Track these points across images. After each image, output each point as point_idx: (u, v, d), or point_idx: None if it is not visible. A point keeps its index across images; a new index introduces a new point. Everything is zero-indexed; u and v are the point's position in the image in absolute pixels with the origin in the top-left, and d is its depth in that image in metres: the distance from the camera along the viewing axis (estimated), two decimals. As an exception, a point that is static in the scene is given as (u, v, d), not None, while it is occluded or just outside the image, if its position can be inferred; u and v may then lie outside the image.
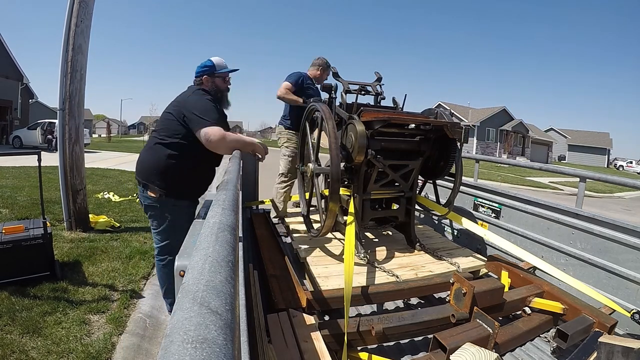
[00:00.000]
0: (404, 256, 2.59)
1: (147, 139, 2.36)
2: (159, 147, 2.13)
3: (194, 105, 2.09)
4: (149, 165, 2.17)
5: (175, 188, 2.15)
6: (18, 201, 5.10)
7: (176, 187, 2.15)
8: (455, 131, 2.37)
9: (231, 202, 0.96)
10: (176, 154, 2.10)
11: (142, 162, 2.21)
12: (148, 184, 2.14)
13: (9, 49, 18.74)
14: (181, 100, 2.18)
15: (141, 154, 2.27)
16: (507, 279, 2.37)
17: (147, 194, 2.16)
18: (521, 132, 33.29)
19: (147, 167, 2.17)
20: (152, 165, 2.15)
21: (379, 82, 3.01)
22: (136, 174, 2.25)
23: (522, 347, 1.84)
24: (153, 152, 2.16)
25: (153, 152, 2.16)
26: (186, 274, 0.50)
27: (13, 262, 2.63)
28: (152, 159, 2.16)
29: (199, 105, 2.10)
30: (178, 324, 0.36)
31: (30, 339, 2.09)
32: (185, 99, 2.18)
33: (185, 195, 2.21)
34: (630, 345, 1.42)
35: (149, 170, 2.16)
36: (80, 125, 4.04)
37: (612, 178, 2.57)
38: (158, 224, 2.23)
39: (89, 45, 4.00)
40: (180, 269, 0.83)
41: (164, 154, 2.11)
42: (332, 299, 1.95)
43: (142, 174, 2.19)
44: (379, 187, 2.57)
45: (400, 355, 1.75)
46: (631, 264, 2.06)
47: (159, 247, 2.27)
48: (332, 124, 2.19)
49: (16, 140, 15.70)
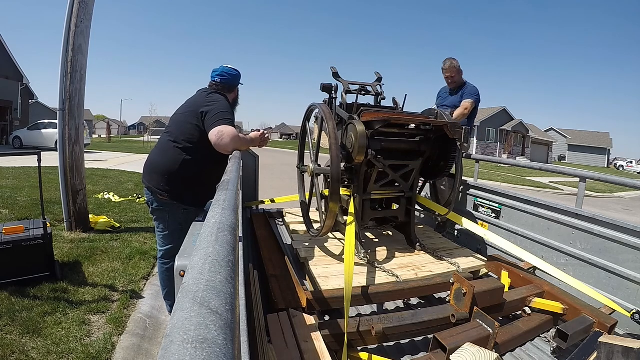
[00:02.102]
0: (404, 256, 2.59)
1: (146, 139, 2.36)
2: (175, 150, 2.10)
3: (215, 104, 2.09)
4: (164, 169, 2.12)
5: (189, 193, 2.13)
6: (18, 201, 5.10)
7: (189, 192, 2.13)
8: (455, 131, 2.37)
9: (231, 202, 0.96)
10: (191, 158, 2.08)
11: (155, 165, 2.17)
12: (159, 188, 2.10)
13: (9, 50, 18.76)
14: (200, 100, 2.17)
15: (152, 156, 2.23)
16: (507, 279, 2.37)
17: (157, 197, 2.13)
18: (521, 132, 33.28)
19: (161, 171, 2.12)
20: (166, 169, 2.11)
21: (379, 82, 3.01)
22: (146, 177, 2.20)
23: (522, 347, 1.84)
24: (167, 155, 2.12)
25: (167, 155, 2.12)
26: (186, 274, 0.50)
27: (13, 263, 2.63)
28: (167, 163, 2.12)
29: (218, 104, 2.10)
30: (178, 324, 0.36)
31: (30, 339, 2.09)
32: (204, 98, 2.17)
33: (197, 201, 2.15)
34: (631, 346, 1.42)
35: (163, 174, 2.11)
36: (81, 126, 4.04)
37: (612, 178, 2.57)
38: (165, 227, 2.20)
39: (89, 46, 4.00)
40: (181, 269, 0.83)
41: (179, 159, 2.08)
42: (332, 299, 1.95)
43: (153, 177, 2.15)
44: (379, 187, 2.57)
45: (400, 355, 1.75)
46: (631, 264, 2.06)
47: (164, 250, 2.25)
48: (332, 124, 2.19)
49: (16, 140, 15.70)
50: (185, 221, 2.09)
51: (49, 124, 15.40)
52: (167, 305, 2.49)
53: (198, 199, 2.15)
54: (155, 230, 2.35)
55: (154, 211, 2.21)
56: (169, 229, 2.19)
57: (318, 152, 2.62)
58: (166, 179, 2.10)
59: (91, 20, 3.99)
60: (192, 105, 2.18)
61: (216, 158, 2.08)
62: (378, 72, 3.05)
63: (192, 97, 2.31)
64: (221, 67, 2.38)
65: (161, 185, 2.11)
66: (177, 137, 2.12)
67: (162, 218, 2.19)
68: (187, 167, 2.08)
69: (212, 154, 2.06)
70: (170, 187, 2.10)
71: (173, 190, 2.10)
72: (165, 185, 2.10)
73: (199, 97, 2.22)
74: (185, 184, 2.11)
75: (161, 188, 2.11)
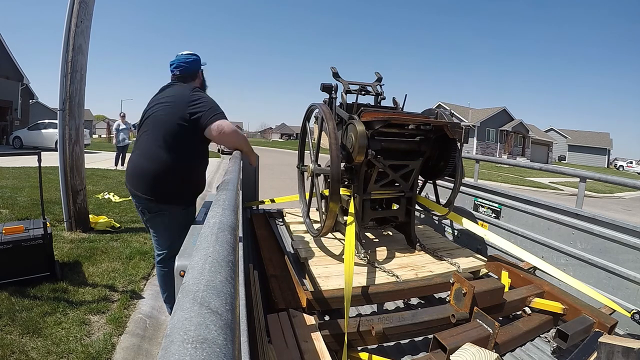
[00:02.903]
0: (404, 256, 2.59)
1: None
2: (163, 152, 1.98)
3: (202, 102, 2.02)
4: (155, 173, 2.01)
5: (186, 194, 2.11)
6: (18, 201, 5.10)
7: (186, 193, 2.11)
8: (455, 131, 2.37)
9: (231, 202, 0.96)
10: (181, 158, 2.02)
11: (145, 171, 2.03)
12: (155, 193, 2.01)
13: (9, 50, 18.77)
14: (182, 101, 2.03)
15: (138, 162, 2.07)
16: (507, 279, 2.37)
17: (154, 204, 2.04)
18: (521, 133, 33.28)
19: (153, 176, 2.01)
20: (158, 173, 2.00)
21: (379, 82, 3.01)
22: (137, 186, 2.06)
23: (522, 347, 1.84)
24: (156, 159, 2.00)
25: (156, 159, 2.00)
26: (186, 274, 0.50)
27: (13, 263, 2.63)
28: (158, 167, 2.00)
29: (206, 101, 2.03)
30: (178, 324, 0.36)
31: (30, 339, 2.08)
32: (187, 99, 2.03)
33: (193, 200, 2.17)
34: (630, 346, 1.42)
35: (156, 178, 2.00)
36: (81, 126, 4.04)
37: (612, 178, 2.57)
38: (165, 230, 2.14)
39: (89, 46, 4.00)
40: (181, 269, 0.83)
41: (168, 160, 1.98)
42: (332, 299, 1.95)
43: (145, 184, 2.03)
44: (379, 187, 2.57)
45: (400, 355, 1.75)
46: (631, 264, 2.06)
47: (165, 252, 2.19)
48: (332, 125, 2.19)
49: (16, 140, 15.70)
50: (185, 220, 2.04)
51: (49, 124, 15.41)
52: (168, 308, 2.47)
53: (193, 196, 2.19)
54: (151, 235, 2.29)
55: (151, 218, 2.12)
56: (170, 231, 2.12)
57: (318, 152, 2.62)
58: (161, 183, 2.01)
59: (91, 20, 3.99)
60: (173, 105, 2.03)
61: (202, 154, 2.15)
62: (378, 72, 3.05)
63: (163, 93, 2.14)
64: (176, 57, 2.24)
65: (157, 190, 2.02)
66: (163, 139, 1.99)
67: (162, 222, 2.12)
68: (179, 167, 2.03)
69: (198, 151, 2.09)
70: (166, 190, 2.02)
71: (170, 193, 2.03)
72: (161, 189, 2.01)
73: (178, 97, 2.06)
74: (180, 184, 2.06)
75: (158, 193, 2.02)
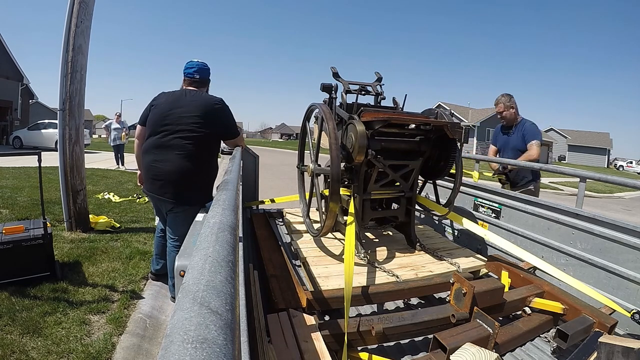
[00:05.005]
0: (404, 256, 2.59)
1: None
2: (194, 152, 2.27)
3: (229, 116, 2.48)
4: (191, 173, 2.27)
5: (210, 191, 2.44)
6: (18, 201, 5.10)
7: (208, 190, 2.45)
8: (455, 131, 2.37)
9: (231, 202, 0.96)
10: (210, 158, 2.42)
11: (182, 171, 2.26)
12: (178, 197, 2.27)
13: (9, 50, 18.78)
14: (214, 112, 2.35)
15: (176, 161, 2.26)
16: (507, 279, 2.37)
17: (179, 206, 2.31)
18: (521, 132, 33.19)
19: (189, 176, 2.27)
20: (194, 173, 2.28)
21: (379, 82, 3.01)
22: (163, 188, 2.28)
23: (522, 347, 1.84)
24: (190, 159, 2.26)
25: (190, 159, 2.26)
26: (186, 274, 0.50)
27: (13, 263, 2.63)
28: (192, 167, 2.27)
29: (231, 116, 2.49)
30: (178, 324, 0.36)
31: (30, 339, 2.09)
32: (219, 110, 2.38)
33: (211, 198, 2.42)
34: (631, 346, 1.42)
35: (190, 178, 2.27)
36: (81, 126, 4.04)
37: (612, 178, 2.57)
38: (183, 224, 2.31)
39: (89, 46, 4.01)
40: (181, 269, 0.83)
41: (201, 161, 2.30)
42: (332, 299, 1.95)
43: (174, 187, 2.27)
44: (379, 187, 2.57)
45: (400, 355, 1.75)
46: (631, 264, 2.06)
47: (177, 237, 2.41)
48: (332, 124, 2.19)
49: (16, 140, 15.70)
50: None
51: (49, 124, 15.41)
52: (170, 286, 2.66)
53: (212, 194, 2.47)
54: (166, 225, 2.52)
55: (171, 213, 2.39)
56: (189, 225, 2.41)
57: (318, 152, 2.61)
58: (198, 182, 2.33)
59: (91, 21, 3.99)
60: (204, 113, 2.29)
61: (216, 154, 2.53)
62: (378, 72, 3.05)
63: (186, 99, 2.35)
64: (193, 62, 2.48)
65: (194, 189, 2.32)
66: (195, 141, 2.26)
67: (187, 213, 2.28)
68: (211, 167, 2.43)
69: (215, 151, 2.48)
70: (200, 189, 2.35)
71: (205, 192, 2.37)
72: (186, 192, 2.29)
73: (209, 106, 2.34)
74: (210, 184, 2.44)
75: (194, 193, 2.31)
